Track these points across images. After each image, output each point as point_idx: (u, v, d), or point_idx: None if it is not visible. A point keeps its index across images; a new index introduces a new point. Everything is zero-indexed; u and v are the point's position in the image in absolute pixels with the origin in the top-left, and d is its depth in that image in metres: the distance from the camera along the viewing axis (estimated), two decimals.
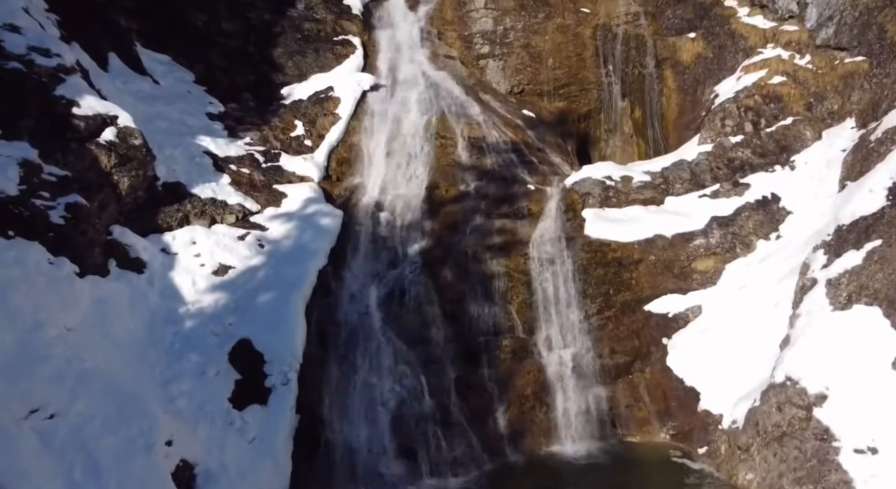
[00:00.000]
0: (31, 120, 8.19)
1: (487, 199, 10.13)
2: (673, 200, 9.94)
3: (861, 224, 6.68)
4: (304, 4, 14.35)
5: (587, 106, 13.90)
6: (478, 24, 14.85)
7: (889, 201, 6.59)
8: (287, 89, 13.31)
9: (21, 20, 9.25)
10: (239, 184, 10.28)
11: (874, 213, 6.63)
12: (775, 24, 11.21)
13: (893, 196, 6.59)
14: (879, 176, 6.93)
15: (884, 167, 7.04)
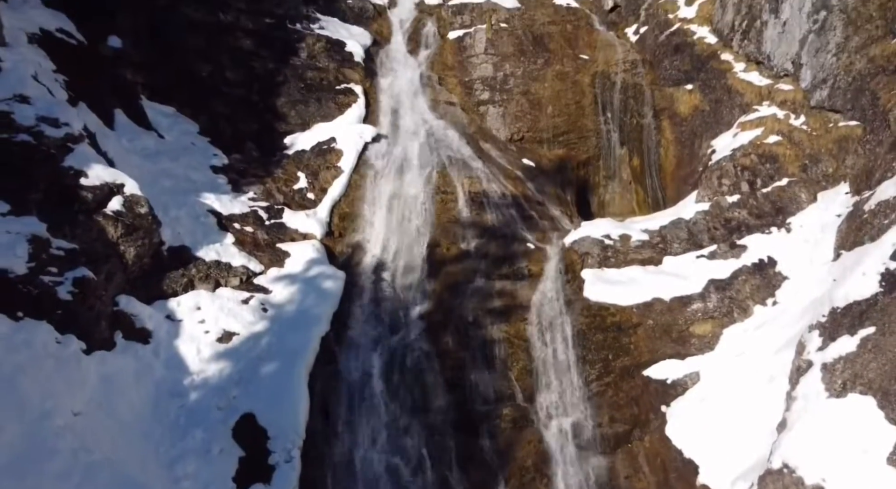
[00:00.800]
0: (40, 193, 8.35)
1: (488, 259, 10.27)
2: (671, 260, 10.07)
3: (855, 309, 6.80)
4: (307, 53, 14.59)
5: (586, 153, 14.08)
6: (478, 70, 15.08)
7: (882, 288, 6.71)
8: (290, 138, 13.50)
9: (30, 89, 9.45)
10: (243, 243, 10.43)
11: (867, 298, 6.75)
12: (771, 81, 11.40)
13: (886, 282, 6.71)
14: (873, 260, 7.06)
15: (876, 250, 7.16)
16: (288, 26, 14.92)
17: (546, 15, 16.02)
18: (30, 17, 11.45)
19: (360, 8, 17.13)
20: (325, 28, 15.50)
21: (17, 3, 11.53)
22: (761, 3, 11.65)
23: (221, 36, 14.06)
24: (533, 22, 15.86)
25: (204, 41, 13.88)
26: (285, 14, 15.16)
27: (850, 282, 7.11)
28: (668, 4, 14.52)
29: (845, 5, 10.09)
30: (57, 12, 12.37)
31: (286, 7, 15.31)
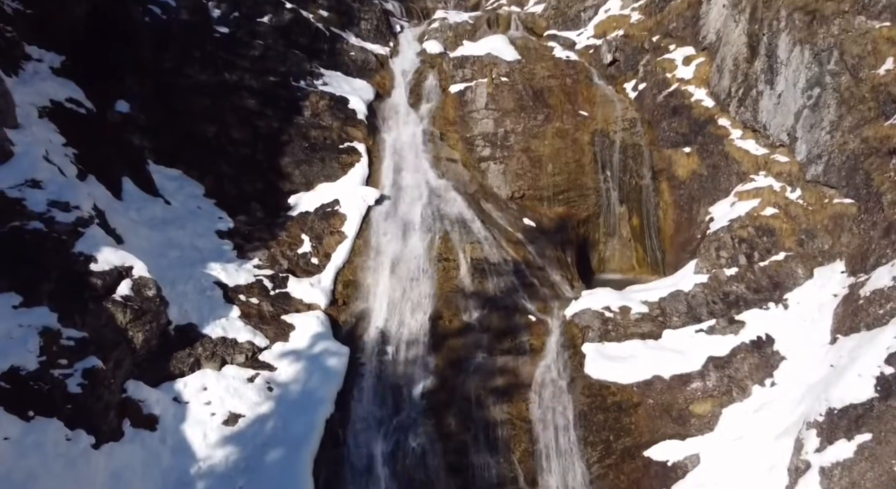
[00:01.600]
0: (51, 282, 8.52)
1: (490, 332, 10.41)
2: (670, 334, 10.20)
3: (851, 412, 6.93)
4: (311, 111, 14.83)
5: (586, 211, 14.27)
6: (479, 126, 15.31)
7: (877, 393, 6.84)
8: (294, 198, 13.70)
9: (41, 172, 9.66)
10: (248, 316, 10.58)
11: (863, 402, 6.88)
12: (767, 151, 11.59)
13: (882, 388, 6.85)
14: (868, 360, 7.20)
15: (872, 349, 7.30)
16: (292, 84, 15.18)
17: (546, 68, 16.29)
18: (40, 90, 11.71)
19: (363, 60, 17.42)
20: (329, 84, 15.77)
21: (28, 76, 11.79)
22: (757, 73, 11.88)
23: (227, 96, 14.31)
24: (533, 76, 16.12)
25: (209, 102, 14.13)
26: (289, 71, 15.43)
27: (847, 382, 7.24)
28: (665, 63, 14.77)
29: (838, 84, 10.30)
30: (66, 80, 12.64)
31: (290, 64, 15.59)
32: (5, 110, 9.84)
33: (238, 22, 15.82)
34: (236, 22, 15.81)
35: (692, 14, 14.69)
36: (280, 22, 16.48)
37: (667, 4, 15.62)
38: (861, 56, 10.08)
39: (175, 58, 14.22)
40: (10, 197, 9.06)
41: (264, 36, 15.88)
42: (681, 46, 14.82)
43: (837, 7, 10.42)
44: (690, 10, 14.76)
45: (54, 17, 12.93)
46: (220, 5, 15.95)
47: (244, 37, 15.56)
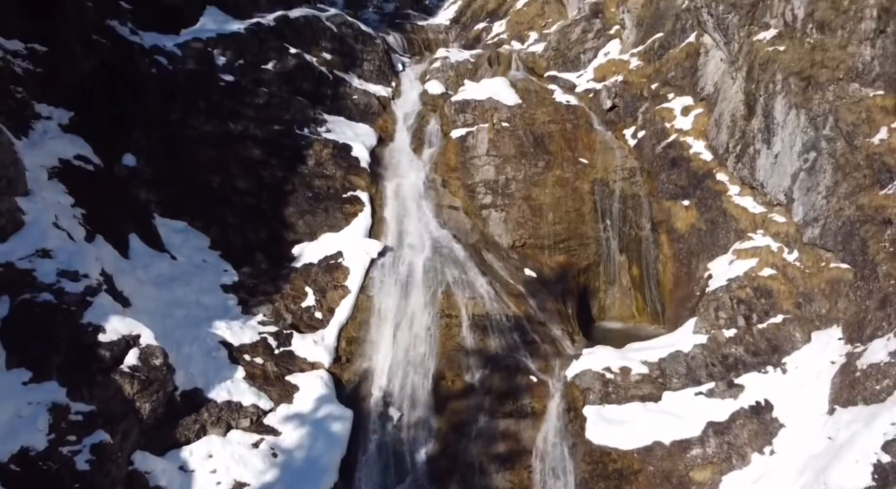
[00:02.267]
0: (60, 355, 8.66)
1: (491, 394, 10.53)
2: (670, 397, 10.31)
3: None
4: (315, 160, 15.03)
5: (586, 260, 14.42)
6: (480, 173, 15.49)
7: (875, 482, 6.96)
8: (298, 248, 13.86)
9: (51, 239, 9.83)
10: (253, 377, 10.70)
11: None
12: (765, 209, 11.76)
13: (879, 476, 6.97)
14: (866, 445, 7.31)
15: (870, 433, 7.42)
16: (296, 132, 15.39)
17: (546, 113, 16.51)
18: (49, 149, 11.91)
19: (366, 104, 17.65)
20: (332, 130, 15.98)
21: (38, 136, 12.00)
22: (754, 132, 12.08)
23: (232, 146, 14.51)
24: (534, 121, 16.34)
25: (215, 152, 14.33)
26: (293, 119, 15.65)
27: (845, 466, 7.35)
28: (664, 112, 14.98)
29: (834, 150, 10.49)
30: (75, 136, 12.85)
31: (294, 111, 15.81)
32: (16, 179, 10.02)
33: (243, 70, 16.06)
34: (241, 70, 16.04)
35: (690, 64, 14.91)
36: (284, 68, 16.71)
37: (665, 52, 15.85)
38: (856, 124, 10.27)
39: (181, 109, 14.44)
40: (21, 268, 9.23)
41: (269, 83, 16.11)
42: (679, 95, 15.03)
43: (832, 74, 10.63)
44: (689, 60, 14.99)
45: (63, 74, 13.16)
46: (224, 53, 16.19)
47: (249, 85, 15.79)
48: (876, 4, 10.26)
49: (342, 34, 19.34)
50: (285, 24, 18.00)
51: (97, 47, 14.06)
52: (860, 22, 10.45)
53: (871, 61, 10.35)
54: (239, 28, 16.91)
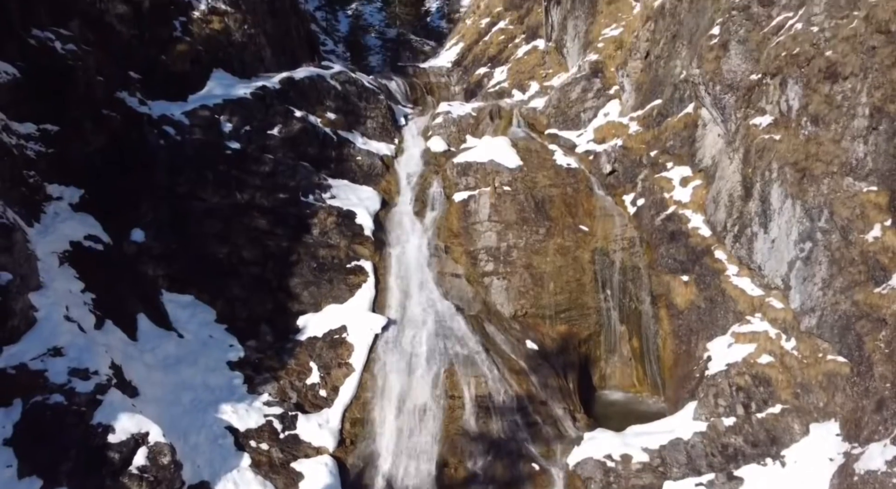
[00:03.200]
0: (70, 461, 8.82)
1: (494, 484, 10.67)
2: (671, 486, 10.43)
3: None
4: (320, 229, 15.26)
5: (587, 330, 14.60)
6: (482, 239, 15.71)
7: None
8: (303, 320, 14.05)
9: (62, 335, 10.05)
10: (259, 465, 10.85)
11: None
12: (763, 293, 11.94)
13: None
14: None
15: None
16: (301, 200, 15.65)
17: (547, 177, 16.77)
18: (60, 233, 12.17)
19: (370, 165, 17.93)
20: (337, 196, 16.23)
21: (49, 220, 12.26)
22: (751, 214, 12.31)
23: (238, 217, 14.75)
24: (535, 184, 16.60)
25: (222, 225, 14.57)
26: (298, 186, 15.91)
27: None
28: (663, 181, 15.23)
29: (829, 242, 10.70)
30: (85, 215, 13.14)
31: (299, 178, 16.08)
32: (29, 275, 10.26)
33: (249, 136, 16.35)
34: (247, 136, 16.34)
35: (689, 134, 15.18)
36: (289, 132, 17.01)
37: (664, 119, 16.13)
38: (850, 219, 10.49)
39: (189, 181, 14.71)
40: (33, 369, 9.43)
41: (274, 149, 16.40)
42: (678, 165, 15.29)
43: (826, 168, 10.87)
44: (687, 130, 15.26)
45: (73, 152, 13.44)
46: (231, 119, 16.49)
47: (255, 152, 16.07)
48: (868, 103, 10.52)
49: (346, 92, 19.68)
50: (290, 87, 18.35)
51: (107, 121, 14.37)
52: (853, 118, 10.71)
53: (865, 157, 10.59)
54: (245, 93, 17.22)
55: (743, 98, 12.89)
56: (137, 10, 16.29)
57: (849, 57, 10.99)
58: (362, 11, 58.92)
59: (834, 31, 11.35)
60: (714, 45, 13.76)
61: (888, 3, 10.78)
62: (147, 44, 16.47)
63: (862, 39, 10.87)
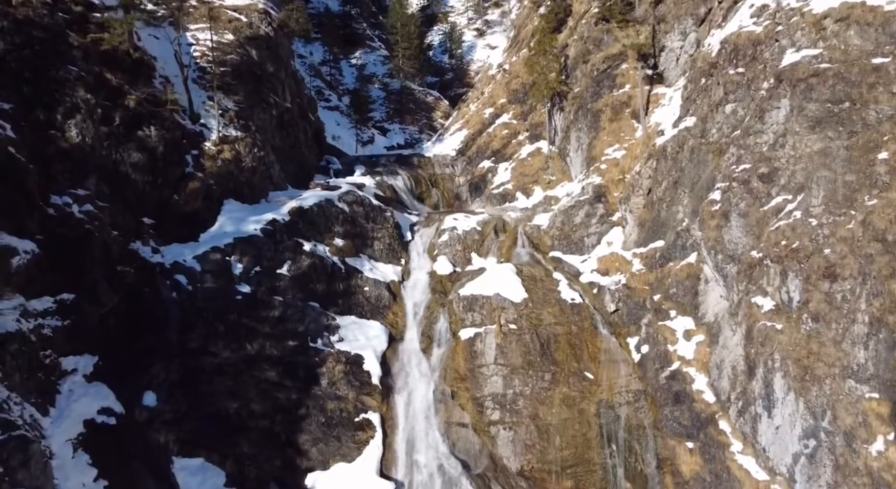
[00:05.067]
0: None
1: None
2: None
3: None
4: (328, 380, 15.45)
5: (594, 486, 14.67)
6: (489, 385, 15.86)
7: None
8: (311, 479, 14.15)
9: None
10: None
11: None
12: (768, 478, 12.06)
13: None
14: None
15: None
16: (310, 345, 15.87)
17: (552, 314, 17.01)
18: (75, 413, 12.34)
19: (377, 296, 18.18)
20: (345, 338, 16.45)
21: (64, 400, 12.40)
22: (755, 394, 12.49)
23: (248, 371, 14.95)
24: (540, 322, 16.83)
25: (232, 381, 14.73)
26: (307, 330, 16.14)
27: None
28: (667, 331, 15.44)
29: (833, 445, 10.86)
30: (99, 384, 13.28)
31: (308, 321, 16.32)
32: (44, 484, 10.44)
33: (259, 278, 16.61)
34: (257, 278, 16.60)
35: (691, 285, 15.42)
36: (299, 269, 17.29)
37: (667, 263, 16.38)
38: (853, 426, 10.66)
39: (200, 336, 14.94)
40: None
41: (283, 291, 16.66)
42: (681, 314, 15.51)
43: (828, 370, 11.08)
44: (689, 280, 15.50)
45: (89, 318, 13.66)
46: (241, 259, 16.76)
47: (264, 295, 16.33)
48: (867, 311, 10.78)
49: (353, 214, 20.03)
50: (300, 217, 18.69)
51: (121, 278, 14.64)
52: (853, 323, 10.96)
53: (866, 363, 10.81)
54: (255, 229, 17.55)
55: (745, 272, 13.17)
56: (152, 154, 16.70)
57: (847, 259, 11.28)
58: (366, 61, 60.18)
59: (832, 228, 11.66)
60: (715, 213, 14.10)
61: (884, 210, 11.11)
62: (160, 187, 16.84)
63: (859, 244, 11.17)
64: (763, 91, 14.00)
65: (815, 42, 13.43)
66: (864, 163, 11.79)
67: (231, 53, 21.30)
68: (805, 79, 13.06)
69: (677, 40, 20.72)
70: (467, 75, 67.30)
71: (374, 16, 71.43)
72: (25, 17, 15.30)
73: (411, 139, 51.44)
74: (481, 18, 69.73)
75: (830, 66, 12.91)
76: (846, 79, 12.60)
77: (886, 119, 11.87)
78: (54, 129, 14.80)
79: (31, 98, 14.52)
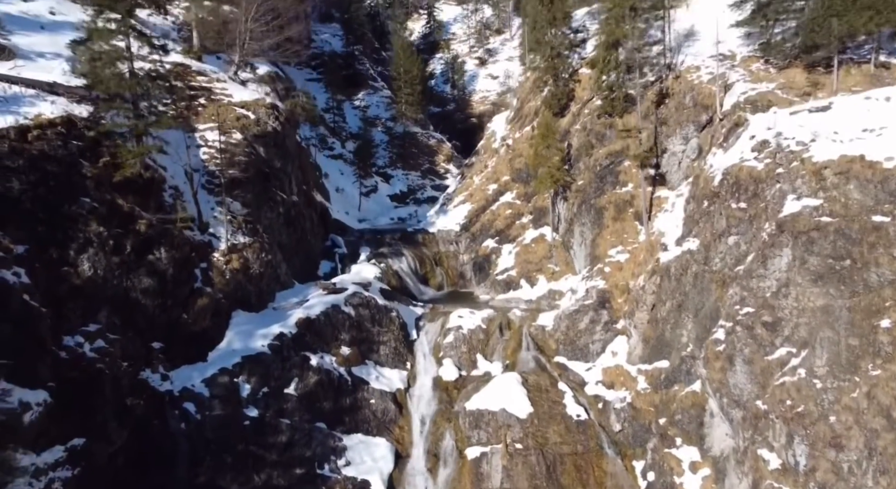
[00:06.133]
0: None
1: None
2: None
3: None
4: None
5: None
6: None
7: None
8: None
9: None
10: None
11: None
12: None
13: None
14: None
15: None
16: (317, 473, 15.90)
17: (558, 433, 17.06)
18: None
19: (383, 410, 18.23)
20: (352, 461, 16.49)
21: None
22: None
23: None
24: (546, 441, 16.87)
25: None
26: (314, 455, 16.18)
27: None
28: (672, 460, 15.47)
29: None
30: None
31: (315, 445, 16.37)
32: None
33: (266, 400, 16.70)
34: (265, 400, 16.70)
35: (697, 414, 15.48)
36: (306, 387, 17.39)
37: (672, 385, 16.46)
38: None
39: (208, 470, 14.98)
40: None
41: (291, 413, 16.75)
42: (687, 443, 15.55)
43: None
44: (695, 409, 15.58)
45: (98, 459, 13.74)
46: (249, 379, 16.87)
47: (272, 419, 16.41)
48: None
49: (359, 318, 20.15)
50: (307, 329, 18.81)
51: (131, 412, 14.74)
52: None
53: None
54: (263, 345, 17.68)
55: (750, 421, 13.24)
56: (162, 277, 16.89)
57: (852, 430, 11.37)
58: (369, 103, 60.85)
59: (836, 394, 11.77)
60: (720, 354, 14.23)
61: (888, 384, 11.22)
62: (169, 308, 17.00)
63: (864, 417, 11.27)
64: (765, 234, 14.21)
65: (816, 192, 13.67)
66: (866, 328, 11.94)
67: (239, 154, 21.61)
68: (807, 232, 13.27)
69: (679, 144, 21.02)
70: (469, 106, 68.06)
71: (376, 51, 72.39)
72: (40, 151, 15.62)
73: (414, 186, 51.96)
74: (483, 48, 70.59)
75: (831, 220, 13.12)
76: (847, 235, 12.80)
77: (888, 284, 12.04)
78: (67, 265, 15.00)
79: (45, 237, 14.74)
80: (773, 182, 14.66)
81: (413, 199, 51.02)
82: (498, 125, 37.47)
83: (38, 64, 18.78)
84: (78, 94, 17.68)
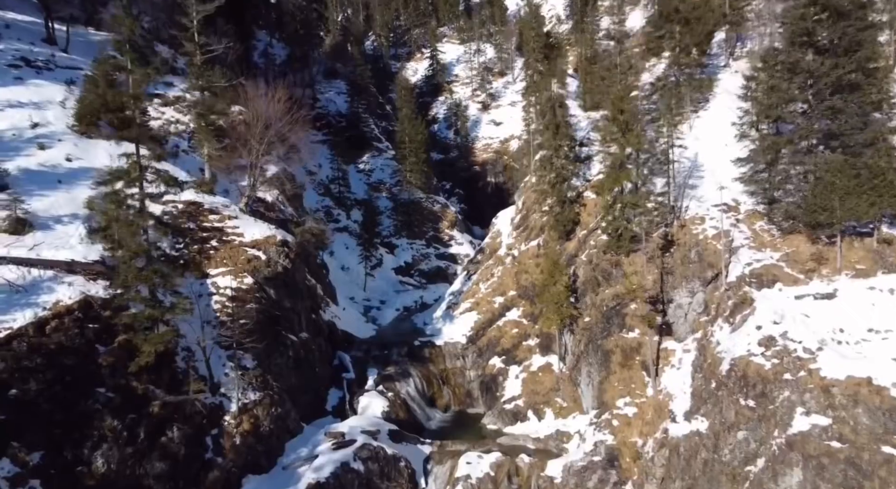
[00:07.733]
0: None
1: None
2: None
3: None
4: None
5: None
6: None
7: None
8: None
9: None
10: None
11: None
12: None
13: None
14: None
15: None
16: None
17: None
18: None
19: None
20: None
21: None
22: None
23: None
24: None
25: None
26: None
27: None
28: None
29: None
30: None
31: None
32: None
33: None
34: None
35: None
36: None
37: None
38: None
39: None
40: None
41: None
42: None
43: None
44: None
45: None
46: None
47: None
48: None
49: (369, 475, 19.88)
50: None
51: None
52: None
53: None
54: None
55: None
56: (174, 460, 16.90)
57: None
58: (374, 167, 61.61)
59: None
60: None
61: None
62: None
63: None
64: (775, 445, 14.29)
65: (825, 409, 13.81)
66: None
67: (250, 301, 21.80)
68: (817, 457, 13.36)
69: (685, 296, 21.26)
70: (472, 153, 68.74)
71: (381, 106, 73.61)
72: (58, 343, 15.86)
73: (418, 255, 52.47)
74: (485, 92, 71.15)
75: (841, 446, 13.23)
76: (857, 466, 12.89)
77: None
78: (81, 463, 15.11)
79: (60, 439, 14.89)
80: (782, 388, 14.80)
81: (417, 271, 51.53)
82: (503, 223, 37.75)
83: (55, 232, 19.12)
84: (95, 270, 18.02)
